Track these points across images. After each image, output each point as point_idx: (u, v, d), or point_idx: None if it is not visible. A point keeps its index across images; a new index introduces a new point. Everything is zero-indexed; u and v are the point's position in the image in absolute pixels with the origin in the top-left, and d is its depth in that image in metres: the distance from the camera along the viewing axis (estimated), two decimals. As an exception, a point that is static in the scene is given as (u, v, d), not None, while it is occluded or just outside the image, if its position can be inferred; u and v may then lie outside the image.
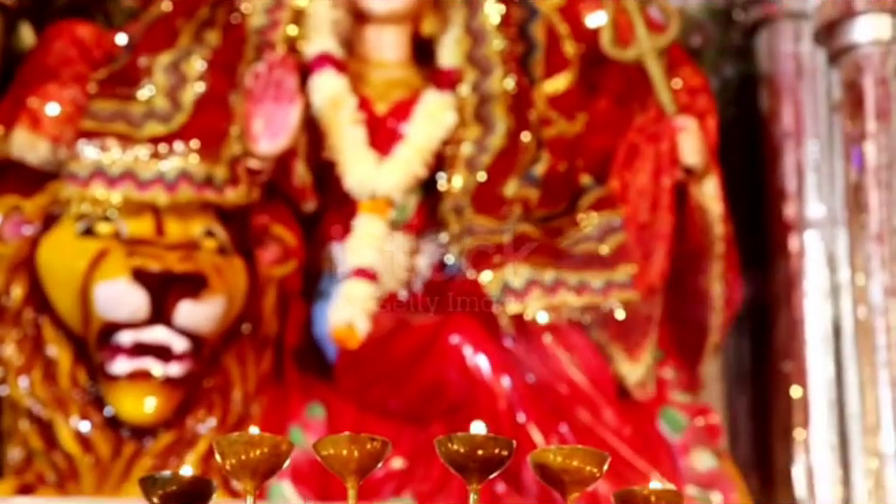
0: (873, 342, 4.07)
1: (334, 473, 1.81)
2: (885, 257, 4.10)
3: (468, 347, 3.80)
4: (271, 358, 3.87)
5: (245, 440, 1.82)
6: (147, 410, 3.66)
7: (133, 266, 3.61)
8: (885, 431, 4.00)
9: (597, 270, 3.86)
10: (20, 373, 3.72)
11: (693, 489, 3.80)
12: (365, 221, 3.89)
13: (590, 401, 3.81)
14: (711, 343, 4.15)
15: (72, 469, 3.67)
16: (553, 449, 1.83)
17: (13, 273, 3.76)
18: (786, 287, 4.30)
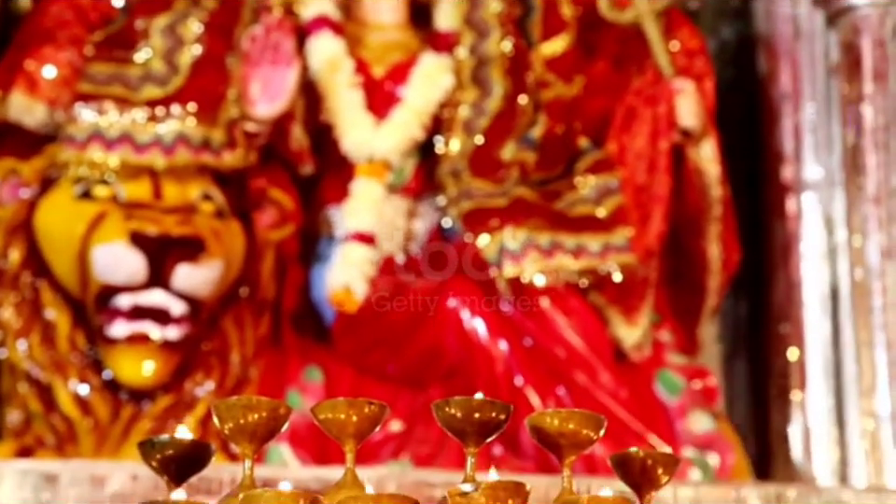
0: (869, 303, 4.08)
1: (332, 437, 1.81)
2: (882, 218, 4.10)
3: (465, 311, 3.80)
4: (269, 322, 3.88)
5: (244, 403, 1.82)
6: (146, 373, 3.67)
7: (130, 229, 3.61)
8: (881, 393, 4.01)
9: (595, 233, 3.86)
10: (18, 336, 3.72)
11: (690, 451, 3.82)
12: (363, 185, 3.89)
13: (587, 364, 3.82)
14: (708, 306, 4.16)
15: (71, 432, 3.68)
16: (550, 412, 1.84)
17: (11, 236, 3.76)
18: (783, 250, 4.30)
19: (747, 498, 3.31)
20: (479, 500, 1.64)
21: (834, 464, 4.09)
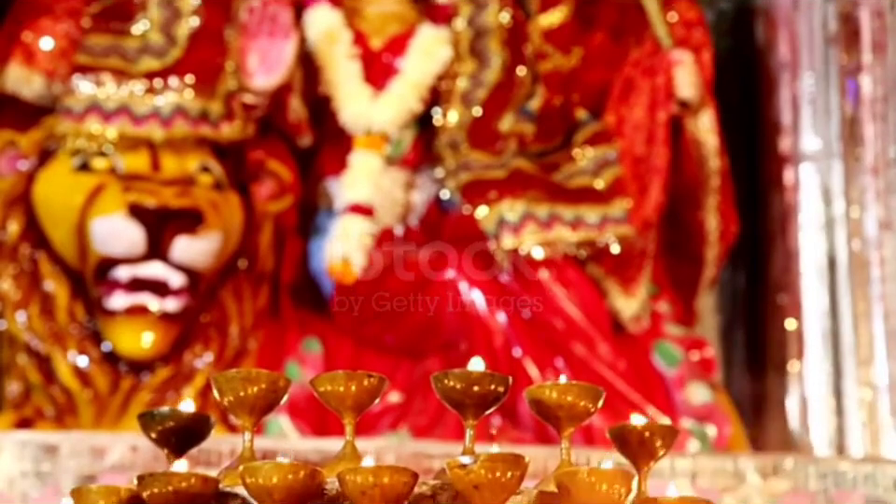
0: (867, 274, 4.08)
1: (331, 409, 1.82)
2: (880, 189, 4.10)
3: (463, 282, 3.81)
4: (267, 294, 3.89)
5: (243, 376, 1.82)
6: (145, 345, 3.68)
7: (129, 201, 3.62)
8: (878, 363, 4.02)
9: (593, 204, 3.87)
10: (17, 308, 3.73)
11: (687, 422, 3.83)
12: (361, 157, 3.89)
13: (585, 336, 3.82)
14: (706, 277, 4.16)
15: (70, 404, 3.69)
16: (549, 385, 1.84)
17: (9, 208, 3.77)
18: (781, 221, 4.31)
19: (744, 469, 3.32)
20: (478, 472, 1.65)
21: (832, 434, 4.10)
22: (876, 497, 3.33)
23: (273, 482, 1.66)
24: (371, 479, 1.65)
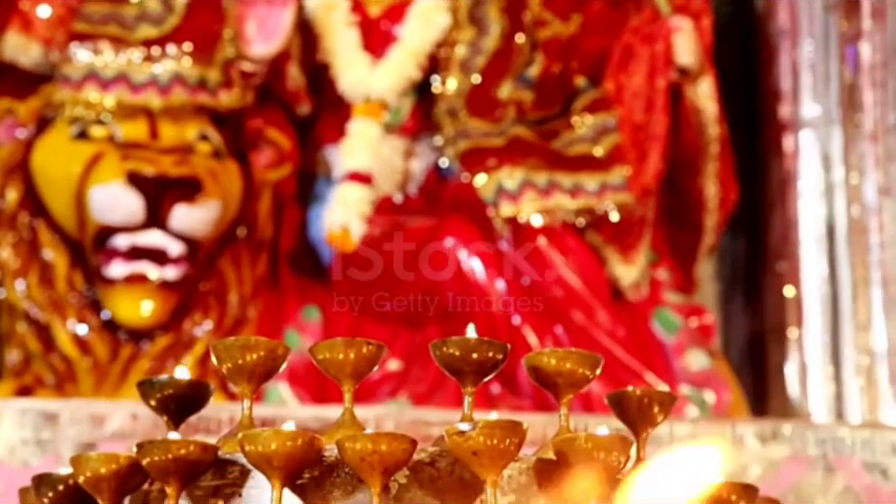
0: (866, 241, 4.08)
1: (330, 377, 1.82)
2: (879, 156, 4.10)
3: (462, 250, 3.81)
4: (266, 262, 3.89)
5: (242, 344, 1.82)
6: (144, 313, 3.68)
7: (127, 170, 3.61)
8: (877, 329, 4.02)
9: (592, 172, 3.86)
10: (16, 276, 3.73)
11: (686, 389, 3.83)
12: (359, 124, 3.88)
13: (584, 303, 3.83)
14: (705, 244, 4.16)
15: (70, 372, 3.69)
16: (547, 352, 1.84)
17: (8, 176, 3.76)
18: (780, 187, 4.30)
19: (743, 435, 3.33)
20: (476, 439, 1.65)
21: (830, 400, 4.11)
22: (875, 463, 3.34)
23: (272, 448, 1.67)
24: (370, 446, 1.65)
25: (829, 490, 3.31)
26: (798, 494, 3.29)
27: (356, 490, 1.71)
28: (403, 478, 1.71)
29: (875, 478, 3.33)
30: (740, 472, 3.23)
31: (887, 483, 3.33)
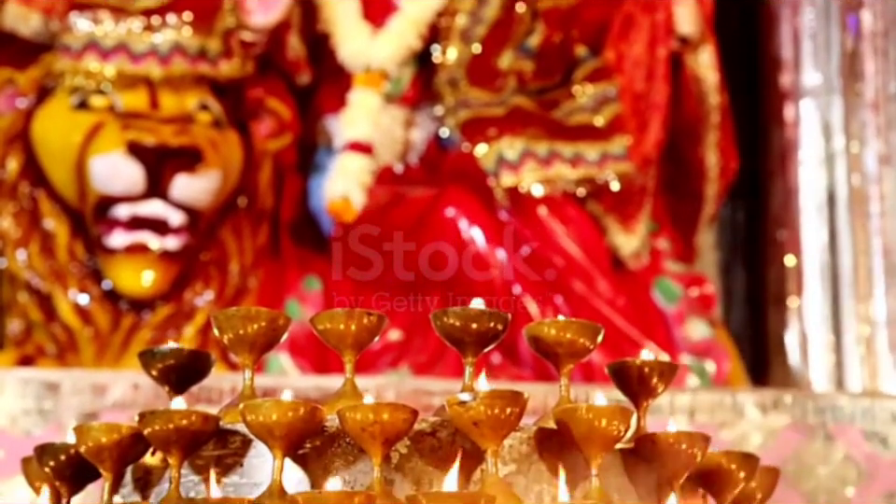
0: (867, 209, 4.09)
1: (331, 348, 1.83)
2: (880, 125, 4.10)
3: (463, 220, 3.81)
4: (267, 232, 3.89)
5: (243, 314, 1.83)
6: (145, 283, 3.68)
7: (128, 140, 3.61)
8: (877, 298, 4.03)
9: (592, 141, 3.86)
10: (17, 246, 3.73)
11: (687, 358, 3.84)
12: (360, 94, 3.88)
13: (585, 273, 3.83)
14: (706, 213, 4.17)
15: (71, 341, 3.70)
16: (548, 322, 1.84)
17: (8, 146, 3.76)
18: (781, 156, 4.30)
19: (743, 404, 3.33)
20: (477, 409, 1.65)
21: (830, 369, 4.12)
22: (874, 431, 3.35)
23: (274, 419, 1.67)
24: (371, 416, 1.66)
25: (829, 459, 3.32)
26: (798, 462, 3.30)
27: (357, 460, 1.72)
28: (404, 448, 1.72)
29: (875, 447, 3.34)
30: (740, 441, 3.24)
31: (886, 451, 3.34)
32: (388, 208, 3.84)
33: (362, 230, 3.80)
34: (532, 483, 1.74)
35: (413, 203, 3.85)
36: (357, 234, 3.81)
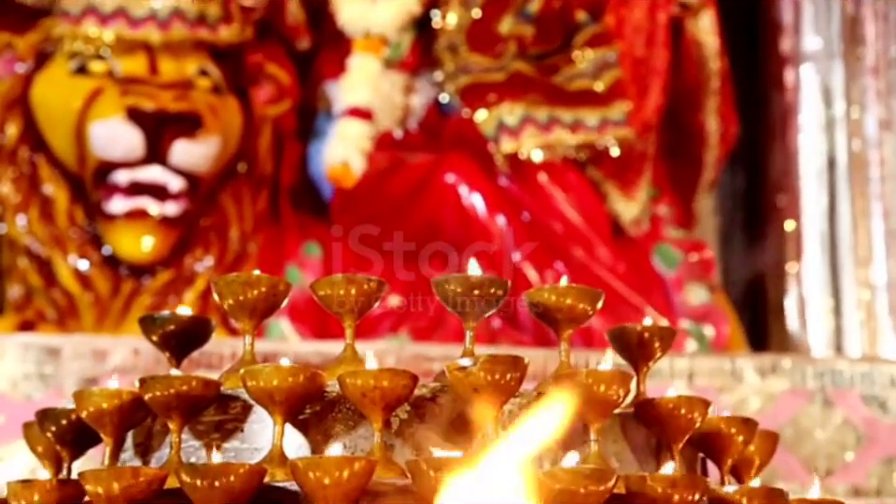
0: (866, 175, 4.09)
1: (331, 314, 1.83)
2: (880, 90, 4.09)
3: (463, 186, 3.81)
4: (267, 198, 3.89)
5: (243, 280, 1.82)
6: (145, 249, 3.69)
7: (127, 105, 3.61)
8: (877, 263, 4.04)
9: (592, 107, 3.85)
10: (17, 211, 3.73)
11: (686, 323, 3.84)
12: (359, 59, 3.87)
13: (584, 239, 3.83)
14: (706, 179, 4.17)
15: (72, 307, 3.70)
16: (548, 288, 1.84)
17: (8, 110, 3.76)
18: (781, 121, 4.30)
19: (742, 369, 3.34)
20: (477, 375, 1.66)
21: (830, 334, 4.12)
22: (873, 396, 3.36)
23: (274, 384, 1.67)
24: (372, 381, 1.66)
25: (827, 423, 3.33)
26: (797, 427, 3.31)
27: (357, 425, 1.72)
28: (404, 413, 1.72)
29: (874, 411, 3.35)
30: (739, 406, 3.24)
31: (885, 415, 3.35)
32: (388, 174, 3.84)
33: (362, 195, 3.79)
34: (532, 449, 1.74)
35: (412, 169, 3.85)
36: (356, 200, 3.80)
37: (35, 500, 1.67)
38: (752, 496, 1.69)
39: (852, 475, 3.32)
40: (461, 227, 3.80)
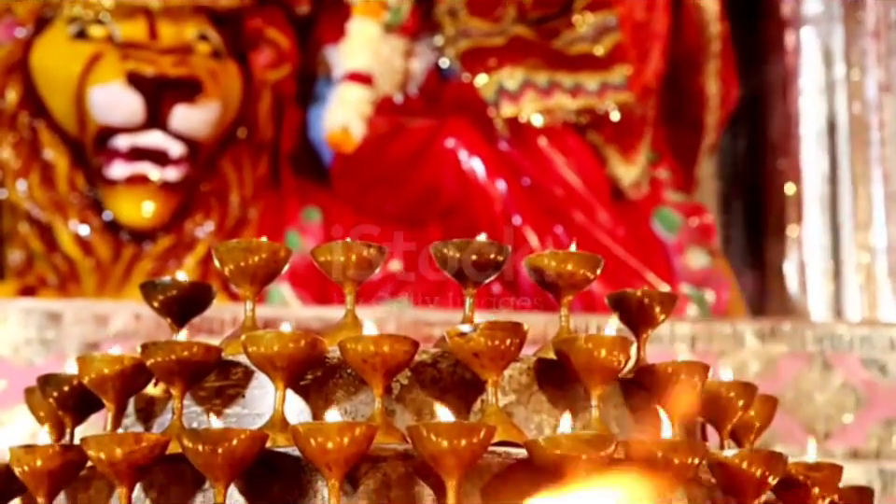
0: (867, 137, 4.09)
1: (332, 280, 1.83)
2: (881, 52, 4.08)
3: (463, 151, 3.81)
4: (267, 163, 3.89)
5: (244, 246, 1.82)
6: (145, 214, 3.69)
7: (127, 70, 3.60)
8: (876, 226, 4.03)
9: (593, 71, 3.85)
10: (17, 177, 3.73)
11: (686, 287, 3.85)
12: (359, 24, 3.86)
13: (585, 203, 3.83)
14: (706, 143, 4.17)
15: (73, 272, 3.71)
16: (548, 254, 1.84)
17: (7, 76, 3.75)
18: (781, 84, 4.29)
19: (742, 333, 3.35)
20: (477, 340, 1.66)
21: (829, 298, 4.13)
22: (873, 359, 3.36)
23: (275, 350, 1.68)
24: (372, 347, 1.66)
25: (827, 386, 3.34)
26: (796, 390, 3.32)
27: (358, 391, 1.72)
28: (405, 379, 1.73)
29: (873, 374, 3.36)
30: (739, 370, 3.25)
31: (885, 378, 3.36)
32: (388, 139, 3.83)
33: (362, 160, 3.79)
34: (532, 414, 1.75)
35: (412, 133, 3.85)
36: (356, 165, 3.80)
37: (38, 465, 1.67)
38: (751, 459, 1.69)
39: (851, 437, 3.33)
40: (461, 191, 3.80)
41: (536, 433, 1.72)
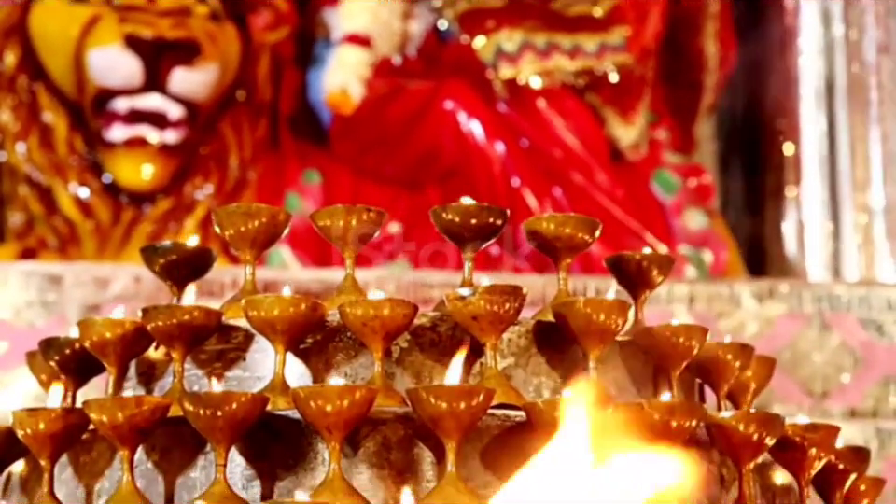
0: (865, 98, 4.08)
1: (331, 243, 1.83)
2: (879, 13, 4.07)
3: (462, 113, 3.80)
4: (266, 125, 3.89)
5: (243, 210, 1.82)
6: (145, 176, 3.69)
7: (125, 32, 3.60)
8: (875, 187, 4.03)
9: (591, 32, 3.84)
10: (17, 139, 3.73)
11: (685, 248, 3.85)
12: (358, -14, 3.86)
13: (583, 164, 3.83)
14: (705, 104, 4.16)
15: (73, 234, 3.71)
16: (546, 217, 1.84)
17: (6, 39, 3.75)
18: (780, 45, 4.28)
19: (740, 294, 3.35)
20: (476, 304, 1.67)
21: (827, 258, 4.13)
22: (870, 319, 3.37)
23: (275, 314, 1.68)
24: (372, 311, 1.67)
25: (824, 347, 3.35)
26: (794, 351, 3.33)
27: (358, 354, 1.73)
28: (405, 342, 1.74)
29: (871, 334, 3.37)
30: (737, 331, 3.26)
31: (882, 338, 3.37)
32: (387, 101, 3.83)
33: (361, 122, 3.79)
34: (530, 376, 1.76)
35: (411, 95, 3.84)
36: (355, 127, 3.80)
37: (41, 429, 1.68)
38: (748, 421, 1.70)
39: (849, 397, 3.34)
40: (460, 153, 3.81)
41: (534, 396, 1.73)
